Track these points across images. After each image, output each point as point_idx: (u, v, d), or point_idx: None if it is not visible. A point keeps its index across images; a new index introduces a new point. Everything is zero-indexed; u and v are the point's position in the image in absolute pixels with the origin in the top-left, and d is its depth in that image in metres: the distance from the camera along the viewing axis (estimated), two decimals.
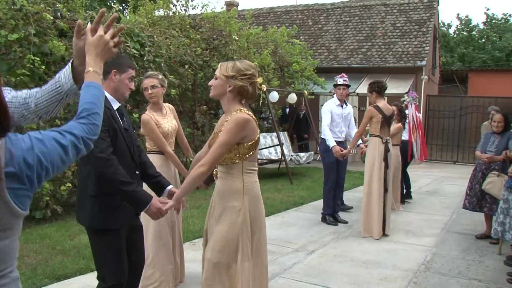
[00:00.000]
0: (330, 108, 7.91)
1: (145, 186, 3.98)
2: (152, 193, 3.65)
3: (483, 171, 7.17)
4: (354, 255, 6.40)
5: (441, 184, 13.07)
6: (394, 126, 8.66)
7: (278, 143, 12.87)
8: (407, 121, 10.27)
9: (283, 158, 12.59)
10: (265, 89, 12.16)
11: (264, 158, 13.11)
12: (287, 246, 6.75)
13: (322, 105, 9.79)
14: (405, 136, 10.23)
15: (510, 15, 35.96)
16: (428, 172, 15.82)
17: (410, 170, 15.37)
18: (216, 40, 11.63)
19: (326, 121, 7.84)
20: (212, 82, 3.40)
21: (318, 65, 16.87)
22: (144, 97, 4.93)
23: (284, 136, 14.36)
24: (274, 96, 13.02)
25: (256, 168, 3.43)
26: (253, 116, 3.34)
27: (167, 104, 5.05)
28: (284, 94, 14.88)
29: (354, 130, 8.46)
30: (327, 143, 7.77)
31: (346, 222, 8.15)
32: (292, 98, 14.39)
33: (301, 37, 20.21)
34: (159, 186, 3.62)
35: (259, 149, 12.90)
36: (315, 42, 20.23)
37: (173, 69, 9.66)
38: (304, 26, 21.27)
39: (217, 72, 3.38)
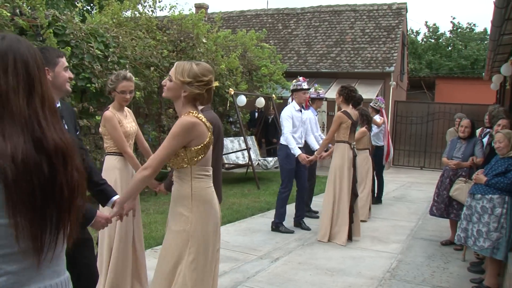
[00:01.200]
0: (290, 114, 7.79)
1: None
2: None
3: (451, 177, 7.17)
4: (319, 262, 6.32)
5: (408, 190, 13.13)
6: (359, 130, 8.64)
7: (245, 147, 12.73)
8: (384, 126, 10.39)
9: (250, 162, 12.46)
10: (232, 92, 12.05)
11: (231, 162, 13.01)
12: (251, 253, 6.64)
13: None
14: (377, 142, 10.32)
15: (474, 25, 36.94)
16: (395, 177, 15.89)
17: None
18: (183, 43, 11.48)
19: (288, 128, 7.71)
20: (166, 83, 3.29)
21: (287, 69, 16.81)
22: (109, 99, 4.77)
23: (251, 140, 14.31)
24: (242, 100, 12.91)
25: (209, 173, 3.31)
26: (203, 120, 3.23)
27: (127, 108, 4.90)
28: (252, 98, 14.75)
29: (320, 135, 8.58)
30: (292, 151, 7.69)
31: (309, 229, 8.08)
32: (260, 102, 14.31)
33: (270, 41, 20.15)
34: (103, 195, 3.44)
35: (226, 154, 12.86)
36: (284, 46, 20.20)
37: (138, 71, 9.48)
38: (274, 30, 21.24)
39: (172, 73, 3.26)
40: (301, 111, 7.91)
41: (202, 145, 3.18)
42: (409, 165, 19.23)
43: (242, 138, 13.35)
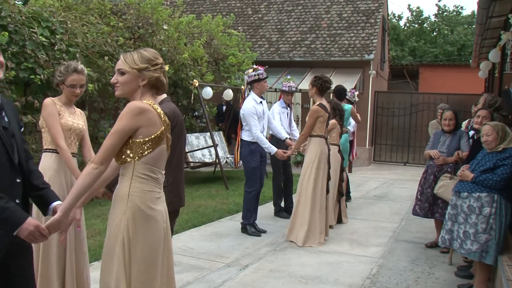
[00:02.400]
0: (254, 109, 7.75)
1: None
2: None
3: (435, 173, 7.13)
4: (293, 269, 6.23)
5: (390, 188, 13.18)
6: (330, 122, 8.61)
7: (212, 144, 12.64)
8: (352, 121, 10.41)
9: (217, 160, 12.38)
10: (197, 84, 11.90)
11: (197, 161, 12.93)
12: (218, 260, 6.54)
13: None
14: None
15: (461, 8, 37.25)
16: (377, 174, 15.97)
17: (357, 173, 15.53)
18: (142, 29, 11.28)
19: (256, 127, 7.72)
20: (117, 79, 3.19)
21: (257, 58, 16.73)
22: (57, 92, 4.59)
23: (219, 136, 14.28)
24: (207, 92, 12.78)
25: (156, 177, 3.18)
26: (158, 110, 3.13)
27: (79, 109, 4.72)
28: (220, 90, 14.72)
29: (295, 129, 8.93)
30: (267, 150, 7.78)
31: (264, 232, 8.06)
32: (228, 94, 14.21)
33: (239, 28, 20.06)
34: (42, 201, 3.19)
35: (191, 151, 12.78)
36: (254, 33, 20.11)
37: (91, 60, 9.25)
38: (242, 16, 21.12)
39: (122, 66, 3.17)
40: (261, 102, 7.91)
41: (151, 137, 3.07)
42: (392, 160, 19.34)
43: (208, 134, 13.22)
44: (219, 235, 7.81)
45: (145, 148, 3.07)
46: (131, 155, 3.07)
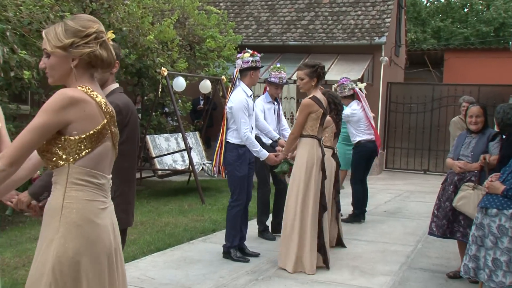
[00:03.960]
0: (245, 103, 7.66)
1: None
2: None
3: (455, 183, 6.98)
4: None
5: (405, 202, 13.10)
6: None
7: (185, 147, 12.51)
8: (363, 112, 10.52)
9: (191, 168, 12.30)
10: (166, 73, 11.77)
11: (167, 168, 12.88)
12: None
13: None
14: (360, 135, 10.51)
15: None
16: (389, 185, 15.88)
17: None
18: (95, 3, 11.12)
19: (245, 124, 7.61)
20: (45, 63, 3.07)
21: (242, 42, 16.61)
22: None
23: (195, 137, 14.23)
24: (179, 83, 12.66)
25: (100, 182, 3.05)
26: (98, 99, 3.01)
27: None
28: (195, 81, 14.64)
29: (285, 128, 9.01)
30: (257, 154, 7.69)
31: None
32: (206, 86, 14.11)
33: (220, 4, 20.03)
34: None
35: (160, 156, 12.75)
36: (239, 11, 20.04)
37: (27, 41, 9.06)
38: None
39: (44, 46, 3.04)
40: (251, 96, 7.85)
41: (89, 133, 2.95)
42: (408, 168, 19.26)
43: (181, 135, 13.06)
44: (188, 261, 7.70)
45: (82, 147, 2.95)
46: (64, 156, 2.94)
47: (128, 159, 4.37)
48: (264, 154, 7.64)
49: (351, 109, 10.42)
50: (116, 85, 4.50)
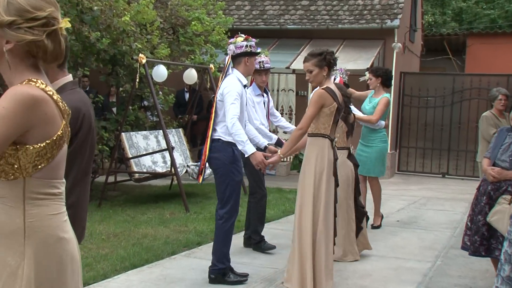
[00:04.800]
0: (240, 91, 7.54)
1: None
2: None
3: (490, 193, 6.84)
4: None
5: (422, 210, 13.06)
6: None
7: (166, 147, 12.51)
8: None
9: (173, 170, 12.25)
10: (144, 61, 11.68)
11: (145, 170, 12.86)
12: None
13: None
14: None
15: None
16: (402, 190, 15.88)
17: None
18: None
19: (235, 112, 7.40)
20: None
21: (233, 26, 16.64)
22: None
23: (178, 135, 14.24)
24: (160, 72, 12.56)
25: (60, 191, 2.92)
26: (56, 97, 2.83)
27: None
28: (179, 69, 14.58)
29: (279, 119, 9.23)
30: (242, 147, 7.39)
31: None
32: (191, 76, 14.04)
33: None
34: None
35: (137, 157, 12.70)
36: None
37: None
38: None
39: None
40: (245, 87, 7.81)
41: (48, 141, 2.78)
42: (424, 171, 19.25)
43: (162, 132, 13.05)
44: (169, 280, 7.63)
45: (41, 157, 2.79)
46: (19, 168, 2.76)
47: (80, 167, 4.25)
48: (250, 149, 7.31)
49: None
50: (68, 78, 4.21)
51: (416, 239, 10.24)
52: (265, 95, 9.15)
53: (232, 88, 7.42)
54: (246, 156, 7.42)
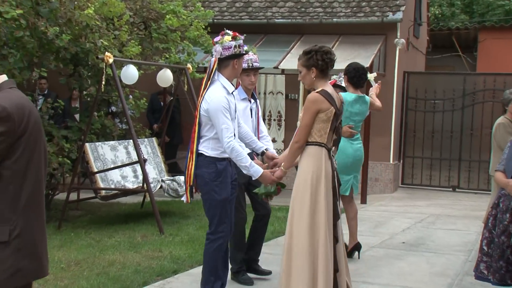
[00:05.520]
0: (226, 102, 7.44)
1: None
2: None
3: None
4: None
5: (430, 230, 13.00)
6: None
7: (137, 159, 12.40)
8: None
9: (146, 186, 12.15)
10: (111, 60, 11.56)
11: (113, 187, 12.78)
12: None
13: None
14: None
15: None
16: (407, 207, 15.86)
17: (375, 204, 15.39)
18: None
19: (228, 130, 7.36)
20: None
21: (214, 20, 16.76)
22: None
23: (151, 145, 14.18)
24: (130, 73, 12.46)
25: None
26: None
27: None
28: (152, 70, 14.58)
29: (265, 135, 8.94)
30: (247, 171, 7.38)
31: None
32: (166, 78, 14.01)
33: None
34: None
35: (105, 170, 12.65)
36: None
37: None
38: None
39: None
40: (233, 93, 7.71)
41: None
42: (432, 184, 19.26)
43: (132, 142, 12.98)
44: None
45: None
46: None
47: (29, 184, 4.13)
48: (256, 171, 7.35)
49: None
50: (3, 77, 4.21)
51: (425, 264, 10.18)
52: (252, 100, 8.99)
53: (217, 105, 7.34)
54: (253, 179, 7.52)
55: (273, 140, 11.43)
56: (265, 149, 8.13)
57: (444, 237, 12.14)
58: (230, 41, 7.50)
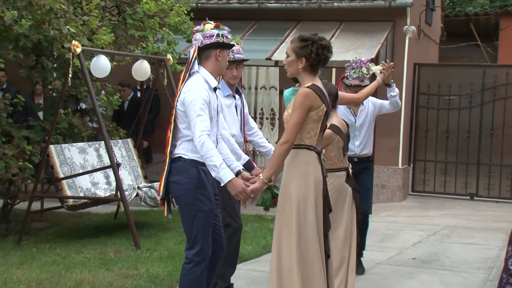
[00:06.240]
0: (206, 96, 7.37)
1: None
2: None
3: None
4: None
5: (444, 244, 13.00)
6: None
7: (110, 163, 12.33)
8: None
9: (119, 194, 12.03)
10: (79, 50, 11.45)
11: (82, 195, 12.67)
12: None
13: None
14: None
15: None
16: (418, 217, 15.87)
17: (382, 215, 15.26)
18: None
19: (203, 123, 7.22)
20: None
21: (198, 4, 16.84)
22: None
23: (126, 147, 14.12)
24: (101, 65, 12.35)
25: None
26: None
27: None
28: (126, 61, 14.55)
29: (256, 132, 9.13)
30: (215, 174, 7.18)
31: None
32: (142, 70, 13.95)
33: None
34: None
35: (72, 176, 12.55)
36: None
37: None
38: None
39: None
40: (216, 90, 7.62)
41: None
42: (446, 192, 19.27)
43: (104, 144, 12.91)
44: None
45: None
46: None
47: None
48: (225, 174, 7.10)
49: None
50: None
51: (438, 283, 10.17)
52: (237, 96, 8.94)
53: (195, 94, 7.24)
54: (221, 184, 7.23)
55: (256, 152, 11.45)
56: (241, 169, 7.84)
57: (461, 253, 12.09)
58: (211, 29, 7.46)
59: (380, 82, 10.15)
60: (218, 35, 7.42)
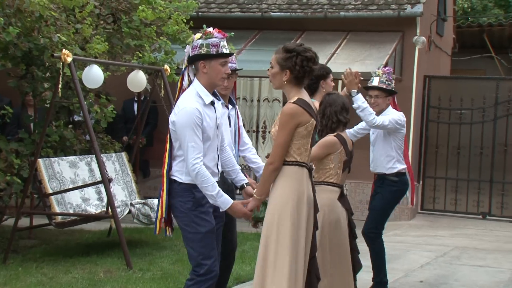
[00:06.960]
0: (198, 114, 7.22)
1: None
2: None
3: None
4: None
5: (455, 266, 12.90)
6: (321, 141, 8.46)
7: (101, 178, 12.24)
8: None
9: (111, 211, 11.91)
10: (70, 59, 11.31)
11: (73, 212, 12.51)
12: None
13: None
14: (402, 162, 10.41)
15: None
16: (427, 237, 15.79)
17: (390, 234, 15.06)
18: None
19: (195, 150, 7.15)
20: None
21: (198, 12, 16.86)
22: None
23: (120, 161, 14.04)
24: (93, 75, 12.23)
25: None
26: None
27: None
28: (122, 72, 14.50)
29: (249, 148, 8.88)
30: (213, 200, 7.18)
31: None
32: (138, 81, 13.82)
33: None
34: None
35: (62, 191, 12.40)
36: None
37: None
38: None
39: None
40: (213, 103, 7.44)
41: None
42: (457, 210, 19.21)
43: (95, 158, 12.75)
44: None
45: None
46: None
47: None
48: (224, 201, 7.13)
49: (399, 115, 10.18)
50: None
51: None
52: (230, 106, 8.75)
53: (185, 118, 7.15)
54: (221, 210, 7.27)
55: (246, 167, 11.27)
56: (245, 184, 7.95)
57: (471, 276, 11.98)
58: (198, 38, 7.32)
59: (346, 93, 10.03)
60: (202, 45, 7.27)
